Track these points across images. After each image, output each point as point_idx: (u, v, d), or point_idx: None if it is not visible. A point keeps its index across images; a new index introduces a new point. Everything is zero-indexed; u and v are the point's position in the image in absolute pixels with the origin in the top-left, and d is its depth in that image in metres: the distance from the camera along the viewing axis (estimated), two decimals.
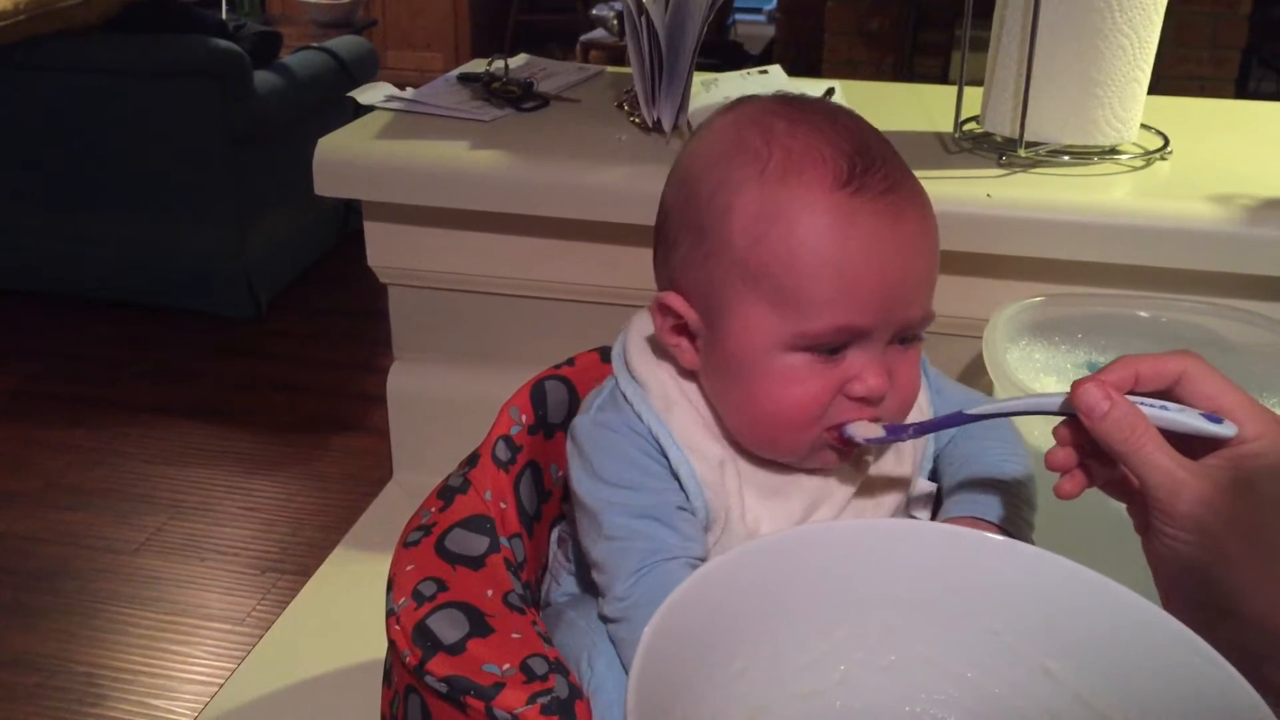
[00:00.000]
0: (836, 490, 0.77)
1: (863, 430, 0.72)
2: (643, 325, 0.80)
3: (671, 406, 0.76)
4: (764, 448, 0.75)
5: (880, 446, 0.78)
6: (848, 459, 0.75)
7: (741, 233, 0.71)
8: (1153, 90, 1.21)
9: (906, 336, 0.73)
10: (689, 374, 0.77)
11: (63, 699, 1.86)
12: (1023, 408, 0.70)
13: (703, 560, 0.73)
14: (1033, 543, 0.74)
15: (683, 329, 0.76)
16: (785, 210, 0.69)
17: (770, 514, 0.76)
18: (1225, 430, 0.62)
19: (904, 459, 0.80)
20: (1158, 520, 0.63)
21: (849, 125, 0.73)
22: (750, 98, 0.77)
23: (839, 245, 0.69)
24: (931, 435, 0.82)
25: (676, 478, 0.74)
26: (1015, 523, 0.76)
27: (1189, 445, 0.63)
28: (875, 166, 0.70)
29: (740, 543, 0.74)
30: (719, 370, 0.74)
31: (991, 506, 0.77)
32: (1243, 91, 3.94)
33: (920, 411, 0.80)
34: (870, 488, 0.79)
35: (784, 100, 0.75)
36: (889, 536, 0.64)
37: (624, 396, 0.78)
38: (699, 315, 0.74)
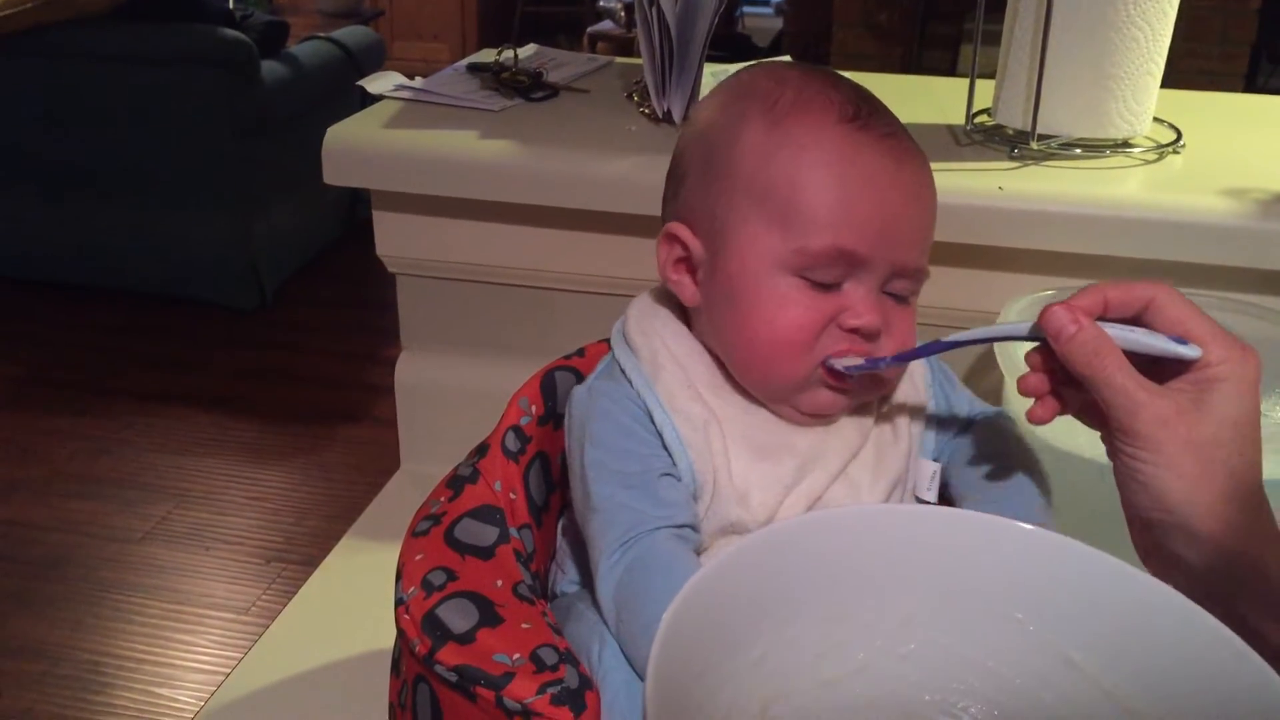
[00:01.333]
0: (829, 455, 0.77)
1: (844, 360, 0.73)
2: (642, 300, 0.83)
3: (659, 370, 0.78)
4: (759, 379, 0.76)
5: (878, 421, 0.79)
6: (839, 406, 0.76)
7: (750, 155, 0.74)
8: (1161, 84, 1.21)
9: (901, 293, 0.75)
10: (679, 335, 0.80)
11: (68, 686, 1.87)
12: (995, 334, 0.71)
13: (689, 527, 0.73)
14: None
15: (684, 263, 0.78)
16: (793, 135, 0.73)
17: (760, 477, 0.76)
18: (1189, 352, 0.63)
19: (900, 432, 0.80)
20: (1119, 441, 0.64)
21: (854, 84, 0.77)
22: (753, 68, 0.81)
23: (843, 169, 0.72)
24: (935, 414, 0.82)
25: (663, 442, 0.75)
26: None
27: (1158, 371, 0.65)
28: (877, 116, 0.74)
29: (732, 508, 0.75)
30: (718, 298, 0.76)
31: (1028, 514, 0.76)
32: (1252, 87, 3.92)
33: (916, 390, 0.81)
34: (866, 458, 0.78)
35: (783, 66, 0.79)
36: (909, 521, 0.64)
37: (619, 365, 0.79)
38: (701, 242, 0.77)
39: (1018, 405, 0.97)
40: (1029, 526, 0.63)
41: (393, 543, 0.79)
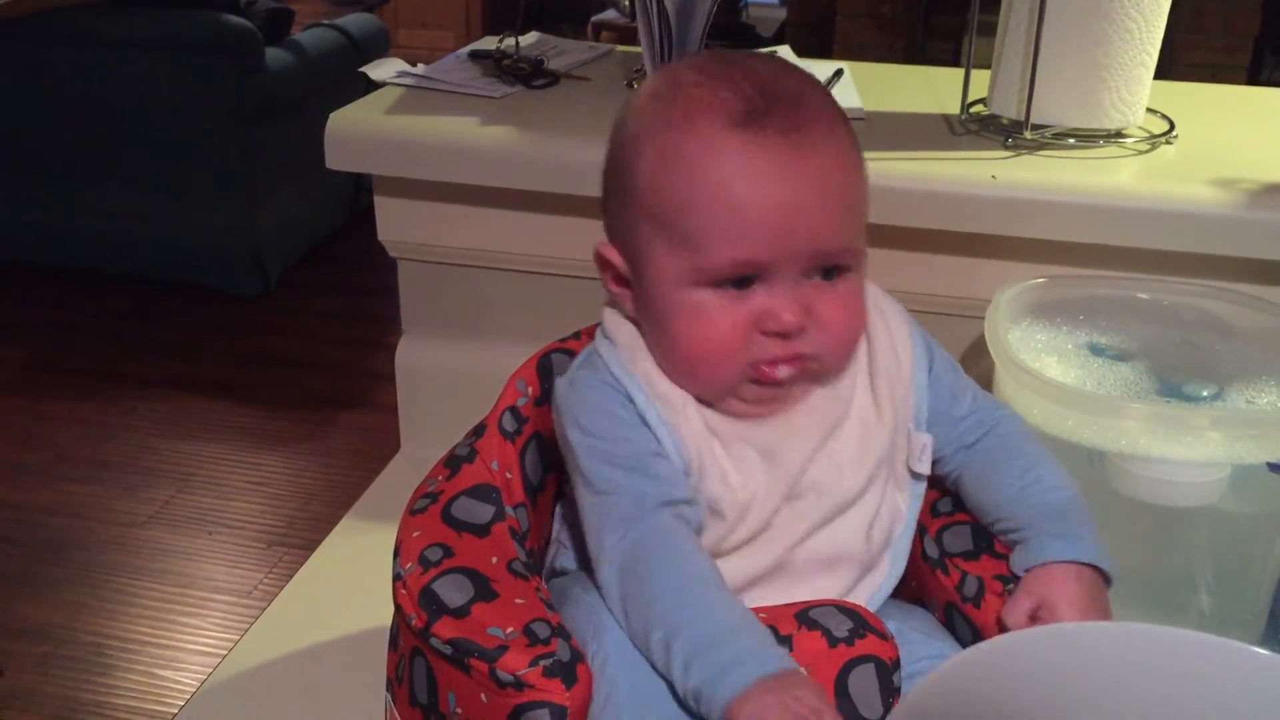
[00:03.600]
0: (801, 434, 0.77)
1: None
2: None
3: (636, 355, 0.79)
4: (692, 387, 0.77)
5: (859, 397, 0.80)
6: (781, 400, 0.77)
7: (646, 177, 0.75)
8: (1164, 76, 1.22)
9: (828, 271, 0.74)
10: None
11: (71, 668, 1.88)
12: None
13: (686, 503, 0.74)
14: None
15: (619, 279, 0.79)
16: (682, 152, 0.73)
17: (734, 461, 0.77)
18: None
19: (884, 408, 0.80)
20: None
21: (762, 70, 0.75)
22: (677, 61, 0.81)
23: (729, 180, 0.71)
24: (925, 387, 0.82)
25: (647, 424, 0.76)
26: (1106, 559, 0.76)
27: None
28: (779, 107, 0.72)
29: (715, 485, 0.76)
30: (645, 314, 0.78)
31: (1087, 548, 0.75)
32: (1255, 79, 3.92)
33: (900, 365, 0.81)
34: (847, 435, 0.79)
35: (707, 55, 0.79)
36: (1143, 643, 0.59)
37: (599, 354, 0.80)
38: (625, 261, 0.78)
39: (1009, 393, 0.99)
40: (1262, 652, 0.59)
41: (392, 524, 0.80)
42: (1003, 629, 0.73)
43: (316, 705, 0.97)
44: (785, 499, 0.77)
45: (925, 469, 0.81)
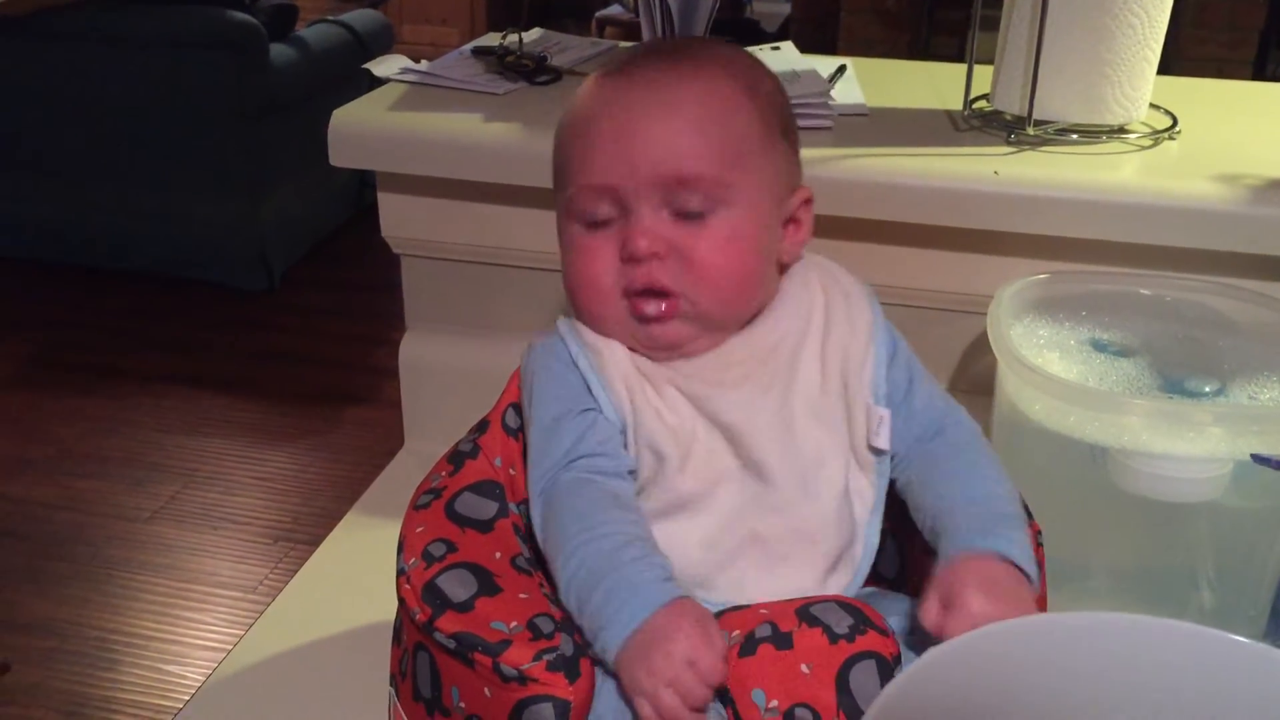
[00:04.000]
0: (727, 391, 0.79)
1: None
2: None
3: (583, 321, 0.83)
4: (590, 324, 0.81)
5: (807, 366, 0.80)
6: (673, 335, 0.79)
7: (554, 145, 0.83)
8: (1169, 71, 1.21)
9: (695, 209, 0.77)
10: None
11: (77, 663, 1.89)
12: None
13: (603, 456, 0.77)
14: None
15: None
16: (566, 111, 0.81)
17: (666, 401, 0.79)
18: None
19: (831, 380, 0.80)
20: None
21: (672, 42, 0.84)
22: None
23: (585, 115, 0.79)
24: (882, 367, 0.82)
25: (579, 371, 0.80)
26: (1029, 564, 0.73)
27: None
28: (654, 58, 0.80)
29: (653, 425, 0.78)
30: None
31: (1007, 545, 0.73)
32: (1260, 74, 3.91)
33: (856, 341, 0.82)
34: (789, 404, 0.79)
35: (640, 44, 0.86)
36: (1133, 633, 0.59)
37: (558, 325, 0.84)
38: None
39: (1011, 389, 0.99)
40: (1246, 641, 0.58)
41: (396, 519, 0.81)
42: (923, 629, 0.71)
43: (321, 700, 0.97)
44: (741, 466, 0.78)
45: (884, 444, 0.80)
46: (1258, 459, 0.65)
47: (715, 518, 0.78)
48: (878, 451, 0.81)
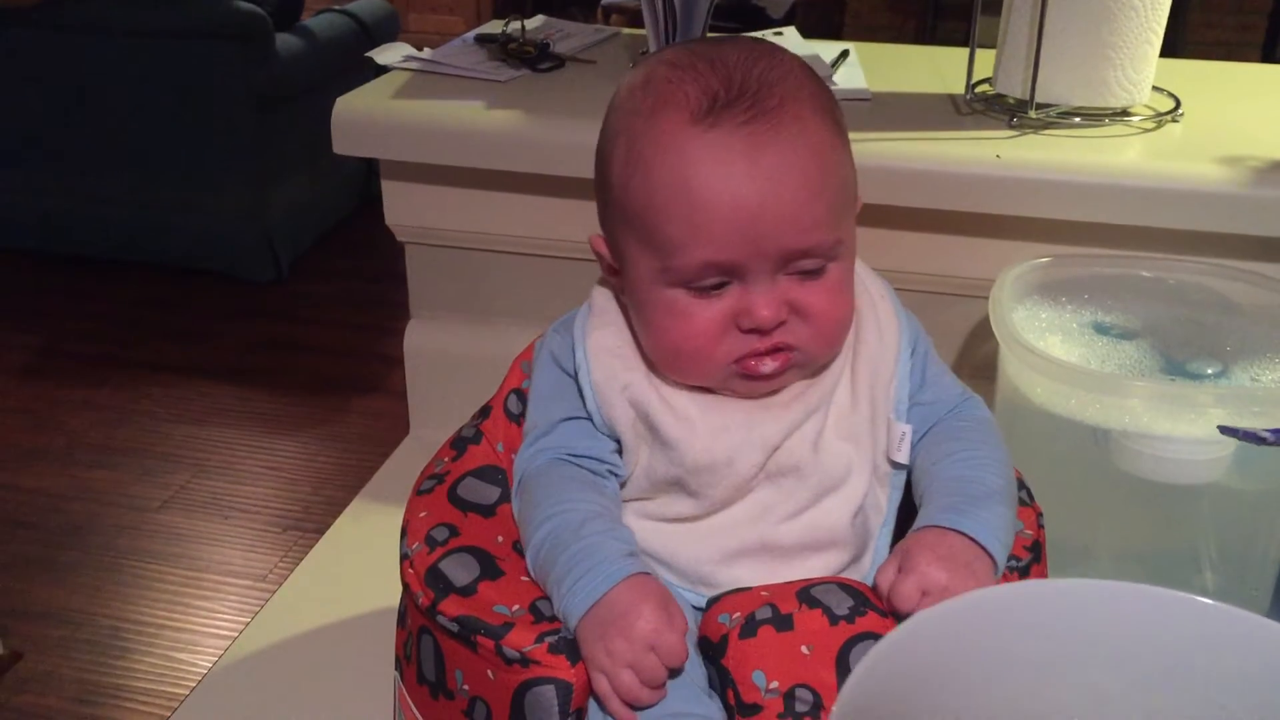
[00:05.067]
0: (772, 414, 0.78)
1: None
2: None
3: (604, 325, 0.81)
4: (682, 379, 0.78)
5: (841, 384, 0.80)
6: (769, 388, 0.77)
7: (616, 179, 0.75)
8: (1176, 55, 1.21)
9: (808, 269, 0.73)
10: None
11: (89, 651, 1.90)
12: None
13: (590, 458, 0.78)
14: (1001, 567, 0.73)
15: (612, 268, 0.80)
16: (645, 153, 0.72)
17: (683, 400, 0.78)
18: None
19: (860, 399, 0.80)
20: None
21: (733, 59, 0.73)
22: (664, 48, 0.80)
23: (687, 181, 0.70)
24: (906, 378, 0.82)
25: (577, 381, 0.80)
26: (994, 543, 0.73)
27: None
28: (741, 99, 0.71)
29: (668, 422, 0.77)
30: (631, 306, 0.79)
31: (974, 524, 0.72)
32: (1269, 57, 3.90)
33: (885, 355, 0.81)
34: (819, 421, 0.78)
35: (683, 46, 0.77)
36: (1113, 598, 0.60)
37: (575, 315, 0.83)
38: (611, 254, 0.79)
39: (1013, 372, 0.99)
40: (1247, 614, 0.58)
41: (401, 506, 0.81)
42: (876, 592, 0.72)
43: (327, 684, 0.98)
44: (768, 476, 0.77)
45: (904, 458, 0.80)
46: (1225, 430, 0.63)
47: (728, 525, 0.78)
48: (896, 465, 0.81)
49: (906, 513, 0.81)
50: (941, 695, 0.57)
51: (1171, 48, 1.20)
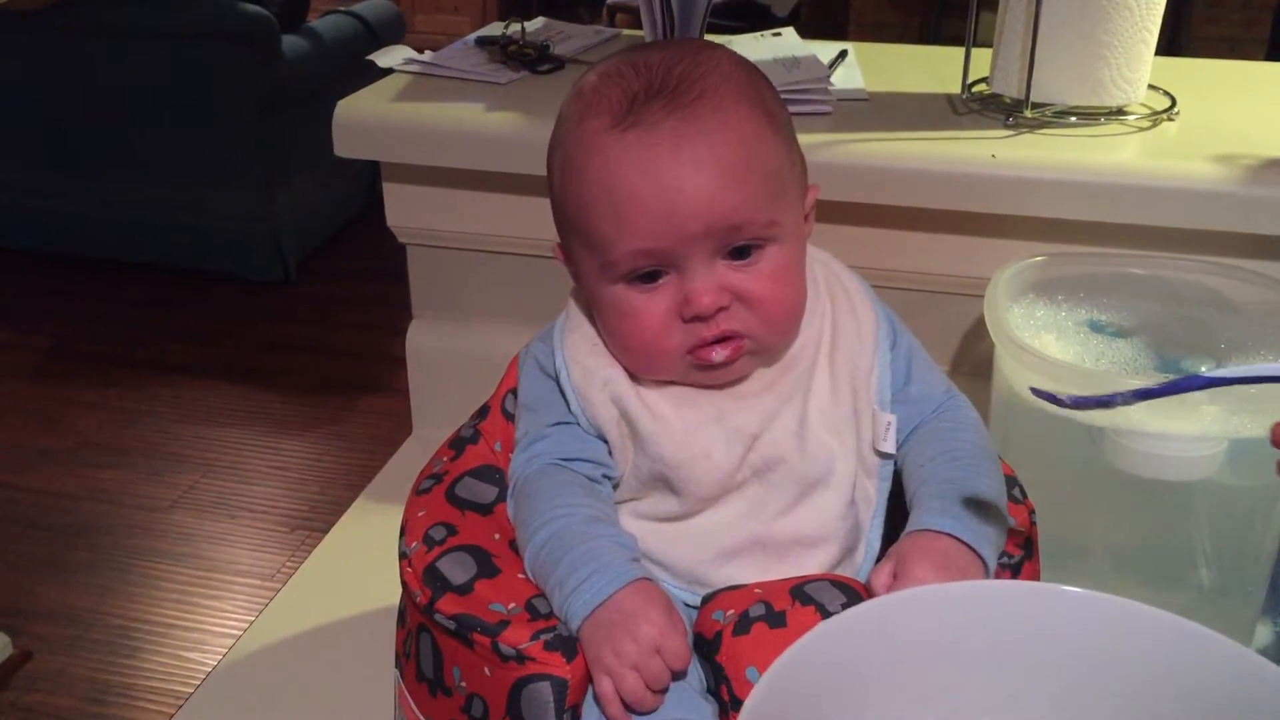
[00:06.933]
0: (747, 407, 0.79)
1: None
2: None
3: (579, 328, 0.83)
4: (645, 374, 0.80)
5: (820, 376, 0.80)
6: (732, 376, 0.79)
7: (557, 184, 0.79)
8: (1182, 51, 1.21)
9: (737, 245, 0.74)
10: None
11: (98, 650, 1.92)
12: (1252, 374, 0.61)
13: (583, 461, 0.80)
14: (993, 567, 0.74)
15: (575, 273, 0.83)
16: (575, 158, 0.76)
17: (662, 399, 0.79)
18: None
19: (841, 390, 0.81)
20: None
21: (657, 61, 0.76)
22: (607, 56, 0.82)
23: (611, 178, 0.73)
24: (887, 369, 0.83)
25: (559, 384, 0.81)
26: (985, 546, 0.74)
27: None
28: (659, 96, 0.73)
29: (650, 425, 0.78)
30: (593, 310, 0.81)
31: (962, 526, 0.74)
32: (1274, 53, 3.89)
33: (863, 347, 0.82)
34: (803, 413, 0.79)
35: (619, 54, 0.79)
36: (1027, 598, 0.63)
37: (554, 332, 0.85)
38: (566, 261, 0.82)
39: (1008, 371, 1.00)
40: (1164, 614, 0.60)
41: (402, 505, 0.82)
42: (871, 594, 0.72)
43: (328, 682, 0.99)
44: (754, 471, 0.78)
45: (890, 448, 0.81)
46: (1037, 392, 0.62)
47: (720, 523, 0.79)
48: (883, 455, 0.82)
49: (896, 502, 0.81)
50: (855, 696, 0.59)
51: (1177, 43, 1.21)
